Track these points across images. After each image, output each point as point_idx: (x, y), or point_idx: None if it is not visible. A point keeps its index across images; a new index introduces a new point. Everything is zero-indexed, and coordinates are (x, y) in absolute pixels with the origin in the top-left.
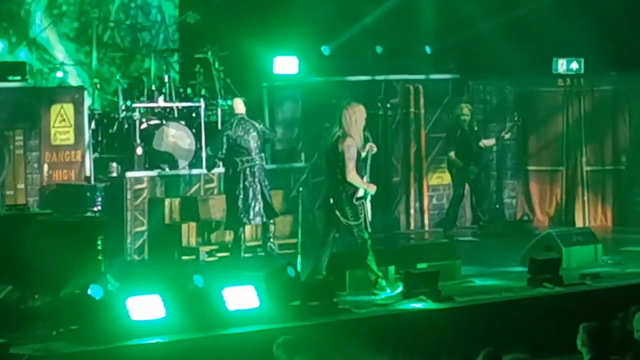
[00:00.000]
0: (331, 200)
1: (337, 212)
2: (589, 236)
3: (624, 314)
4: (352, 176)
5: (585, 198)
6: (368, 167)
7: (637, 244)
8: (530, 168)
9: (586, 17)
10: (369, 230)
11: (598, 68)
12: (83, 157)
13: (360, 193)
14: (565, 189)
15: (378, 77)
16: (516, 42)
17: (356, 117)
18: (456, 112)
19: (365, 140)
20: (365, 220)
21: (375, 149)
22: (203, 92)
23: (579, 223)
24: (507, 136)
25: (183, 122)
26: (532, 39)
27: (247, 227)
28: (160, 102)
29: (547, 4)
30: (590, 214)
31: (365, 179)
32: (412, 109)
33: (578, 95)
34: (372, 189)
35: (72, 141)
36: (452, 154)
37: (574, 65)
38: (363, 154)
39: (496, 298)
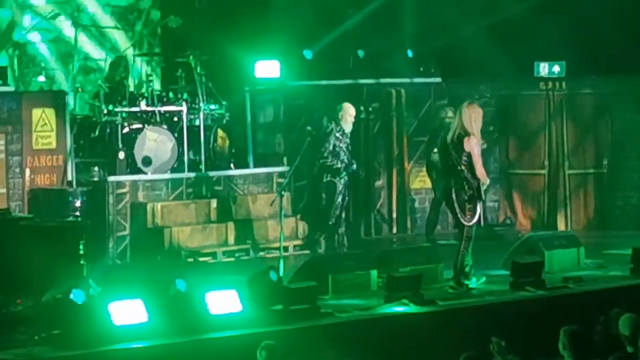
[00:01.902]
0: (454, 197)
1: (457, 209)
2: (571, 239)
3: (604, 317)
4: (482, 172)
5: (567, 201)
6: None
7: (619, 247)
8: (512, 172)
9: (567, 21)
10: (481, 224)
11: (580, 71)
12: (65, 161)
13: (483, 187)
14: (547, 192)
15: (360, 81)
16: (498, 45)
17: (475, 116)
18: (441, 114)
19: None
20: (479, 216)
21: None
22: (185, 96)
23: (561, 226)
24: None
25: (165, 127)
26: (514, 42)
27: (231, 231)
28: (142, 106)
29: (528, 8)
30: (572, 218)
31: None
32: (394, 113)
33: (560, 98)
34: (487, 181)
35: (54, 145)
36: (435, 156)
37: (556, 69)
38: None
39: (478, 301)
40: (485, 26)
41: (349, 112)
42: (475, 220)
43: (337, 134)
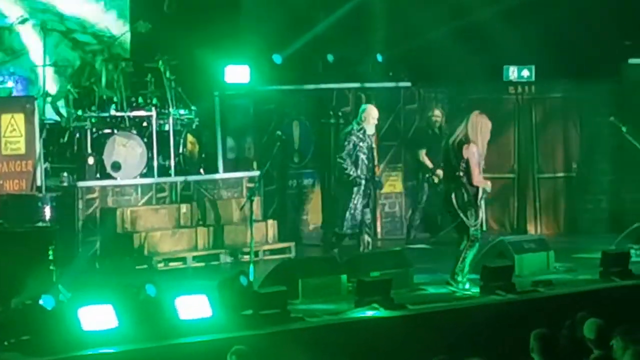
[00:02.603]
0: (453, 201)
1: (460, 213)
2: (541, 243)
3: (571, 321)
4: (478, 180)
5: (537, 205)
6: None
7: (589, 250)
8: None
9: (537, 25)
10: (484, 228)
11: (549, 75)
12: (34, 167)
13: (481, 194)
14: (517, 196)
15: (330, 86)
16: (467, 49)
17: (481, 126)
18: (427, 113)
19: None
20: (481, 220)
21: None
22: (154, 101)
23: (531, 230)
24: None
25: (134, 132)
26: (483, 46)
27: (201, 236)
28: (112, 111)
29: (497, 12)
30: (542, 221)
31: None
32: None
33: (529, 102)
34: (489, 185)
35: (23, 151)
36: (422, 152)
37: (525, 73)
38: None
39: (449, 306)
40: (455, 30)
41: (372, 115)
42: (478, 223)
43: (358, 133)
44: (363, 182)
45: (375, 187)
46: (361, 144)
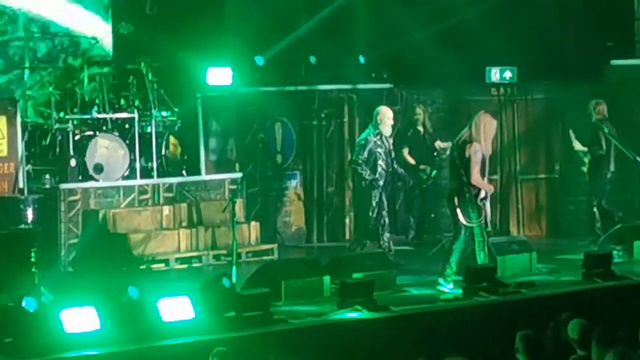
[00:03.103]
0: (455, 200)
1: (460, 212)
2: (524, 245)
3: (555, 323)
4: (476, 179)
5: (520, 206)
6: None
7: (571, 252)
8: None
9: (519, 27)
10: (489, 228)
11: (531, 77)
12: (16, 169)
13: (483, 194)
14: (500, 197)
15: (312, 87)
16: (449, 51)
17: (485, 126)
18: (409, 112)
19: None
20: (485, 219)
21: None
22: (137, 103)
23: (513, 232)
24: (443, 145)
25: (117, 134)
26: (465, 48)
27: (183, 238)
28: (94, 113)
29: (480, 14)
30: (524, 223)
31: (485, 179)
32: (346, 119)
33: (511, 104)
34: (491, 189)
35: (5, 153)
36: (405, 151)
37: (507, 74)
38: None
39: (431, 307)
40: (437, 32)
41: (387, 115)
42: (480, 221)
43: (375, 139)
44: (381, 184)
45: (405, 182)
46: (379, 149)
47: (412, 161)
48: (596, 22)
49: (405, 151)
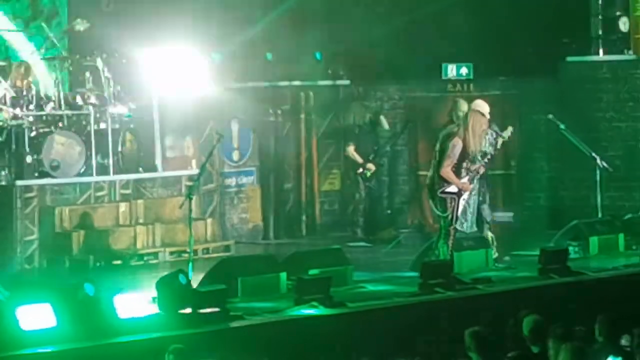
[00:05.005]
0: (433, 189)
1: (431, 201)
2: (480, 241)
3: (514, 320)
4: (446, 172)
5: None
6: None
7: (528, 248)
8: (421, 173)
9: (475, 23)
10: (455, 225)
11: (487, 73)
12: None
13: (450, 189)
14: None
15: (269, 84)
16: (406, 48)
17: (474, 124)
18: (353, 109)
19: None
20: (453, 214)
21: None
22: (93, 99)
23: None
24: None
25: (73, 130)
26: (422, 44)
27: (140, 235)
28: (49, 110)
29: (436, 10)
30: None
31: (466, 178)
32: (303, 116)
33: (468, 100)
34: (466, 188)
35: None
36: (350, 148)
37: (464, 71)
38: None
39: (388, 303)
40: (393, 28)
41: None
42: (447, 214)
43: None
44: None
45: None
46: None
47: (358, 159)
48: (552, 19)
49: (351, 149)
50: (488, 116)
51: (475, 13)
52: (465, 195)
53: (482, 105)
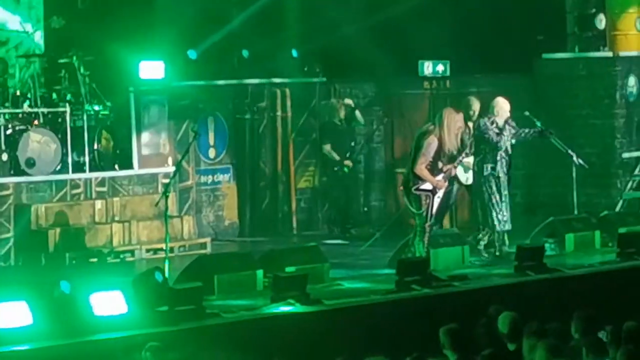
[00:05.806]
0: (408, 185)
1: (406, 198)
2: (456, 238)
3: (486, 317)
4: (420, 169)
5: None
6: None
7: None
8: (397, 170)
9: (451, 20)
10: (431, 222)
11: (464, 70)
12: None
13: (425, 186)
14: None
15: (245, 81)
16: (382, 45)
17: (449, 122)
18: (328, 106)
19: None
20: (428, 211)
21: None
22: (68, 97)
23: (446, 225)
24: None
25: (49, 128)
26: (398, 41)
27: (116, 232)
28: (25, 107)
29: (412, 7)
30: (457, 216)
31: (442, 176)
32: (279, 113)
33: (444, 97)
34: (441, 186)
35: None
36: (327, 146)
37: (440, 68)
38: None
39: (364, 300)
40: (370, 25)
41: (504, 108)
42: (422, 212)
43: (492, 127)
44: (500, 177)
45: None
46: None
47: (336, 156)
48: (528, 16)
49: (327, 147)
50: (477, 114)
51: (452, 10)
52: (439, 193)
53: (474, 103)
